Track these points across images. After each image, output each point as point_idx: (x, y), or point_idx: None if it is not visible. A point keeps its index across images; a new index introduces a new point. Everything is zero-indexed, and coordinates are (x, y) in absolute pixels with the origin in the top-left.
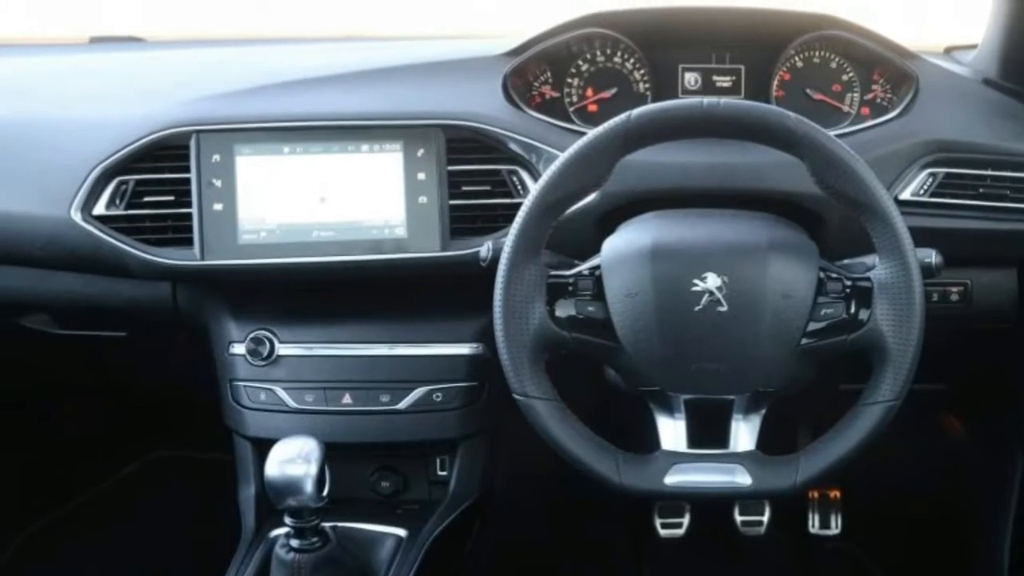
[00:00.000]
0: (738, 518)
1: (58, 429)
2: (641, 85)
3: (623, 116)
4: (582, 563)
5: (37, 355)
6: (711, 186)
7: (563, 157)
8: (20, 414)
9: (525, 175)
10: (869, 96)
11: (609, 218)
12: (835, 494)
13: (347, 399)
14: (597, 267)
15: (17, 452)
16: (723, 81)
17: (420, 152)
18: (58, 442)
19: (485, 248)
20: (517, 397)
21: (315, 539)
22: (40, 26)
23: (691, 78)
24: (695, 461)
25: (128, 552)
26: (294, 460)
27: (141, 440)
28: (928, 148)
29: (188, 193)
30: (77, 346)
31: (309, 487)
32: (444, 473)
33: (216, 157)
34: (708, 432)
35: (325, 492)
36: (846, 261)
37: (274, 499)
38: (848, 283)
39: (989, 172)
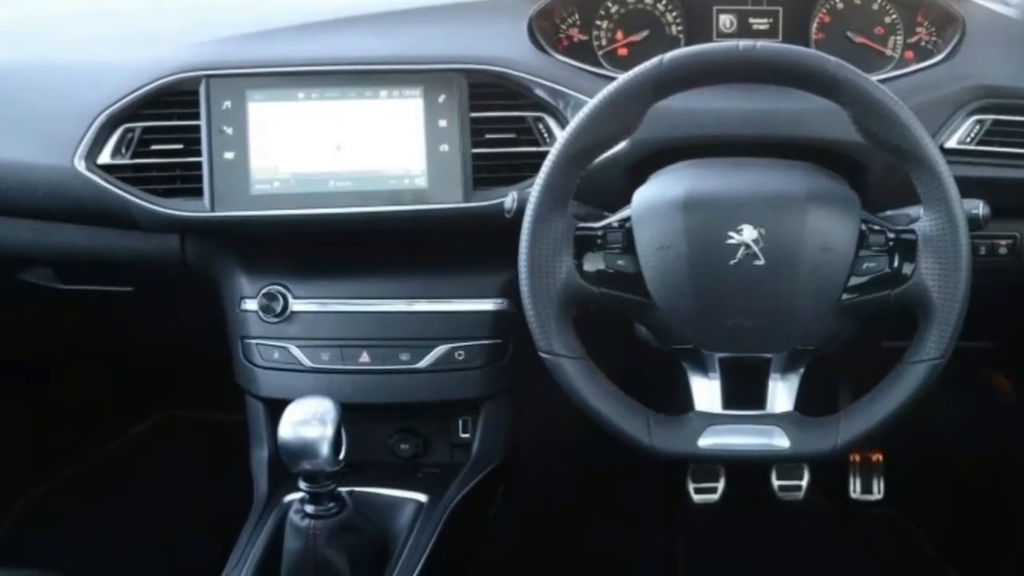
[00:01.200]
0: (775, 483)
1: (62, 390)
2: (674, 28)
3: (655, 60)
4: (611, 529)
5: (39, 312)
6: (747, 134)
7: (591, 103)
8: (22, 375)
9: (552, 122)
10: (913, 39)
11: (640, 167)
12: (878, 457)
13: (364, 357)
14: (627, 219)
15: (20, 414)
16: (760, 23)
17: (441, 98)
18: (62, 403)
19: (510, 199)
20: (543, 355)
21: (331, 505)
22: None
23: (726, 20)
24: (730, 422)
25: (135, 516)
26: (309, 422)
27: (149, 400)
28: (975, 94)
29: (198, 141)
30: (81, 302)
31: (325, 450)
32: (467, 435)
33: (227, 103)
34: (744, 392)
35: (341, 455)
36: (889, 213)
37: (288, 463)
38: (891, 235)
39: None
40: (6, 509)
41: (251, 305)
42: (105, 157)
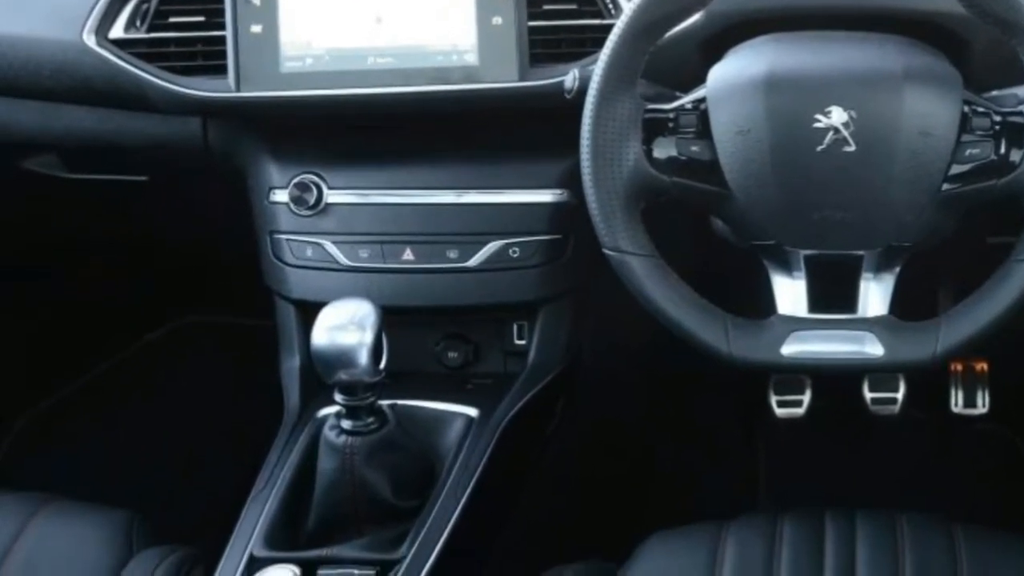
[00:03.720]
0: (868, 395)
1: (68, 293)
2: None
3: None
4: (684, 447)
5: (43, 205)
6: (837, 4)
7: None
8: (24, 277)
9: None
10: None
11: (716, 42)
12: (982, 367)
13: (408, 255)
14: (702, 100)
15: (23, 320)
16: None
17: None
18: (70, 308)
19: (571, 77)
20: (608, 252)
21: (370, 420)
22: None
23: None
24: (817, 328)
25: (150, 434)
26: (346, 327)
27: (166, 304)
28: None
29: (221, 12)
30: (90, 194)
31: (363, 359)
32: (522, 342)
33: None
34: (833, 294)
35: (382, 364)
36: (995, 93)
37: (322, 372)
38: (997, 118)
39: None
40: (6, 426)
41: (281, 196)
42: (118, 31)
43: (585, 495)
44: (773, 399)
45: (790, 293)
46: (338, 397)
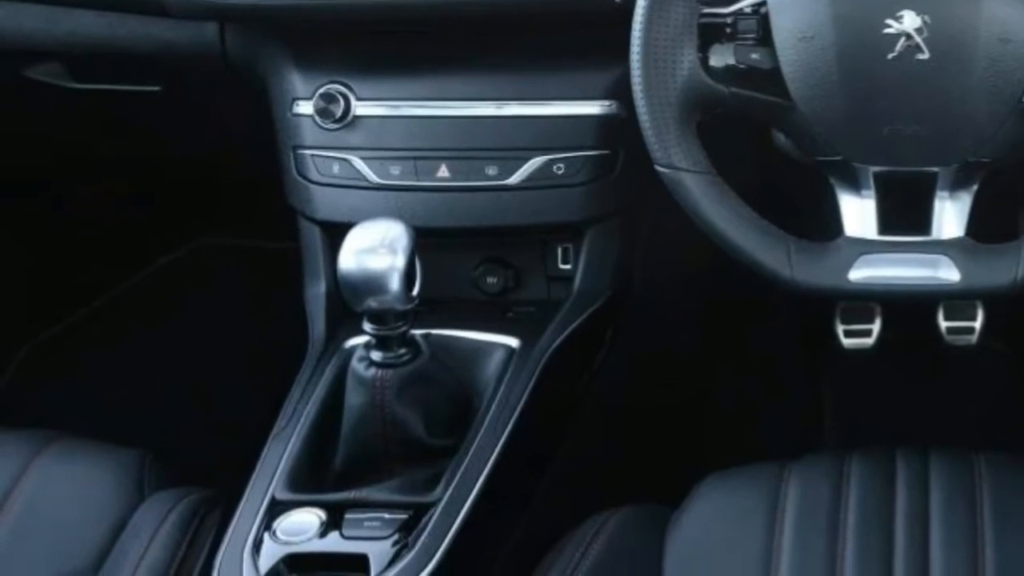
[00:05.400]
0: (943, 324)
1: (76, 213)
2: None
3: None
4: (743, 379)
5: (47, 118)
6: None
7: None
8: (26, 196)
9: None
10: None
11: None
12: None
13: (443, 172)
14: (762, 3)
15: (25, 242)
16: None
17: None
18: (77, 229)
19: None
20: (661, 169)
21: (402, 351)
22: None
23: None
24: (888, 251)
25: (164, 363)
26: (376, 250)
27: (180, 225)
28: None
29: None
30: (98, 105)
31: (395, 284)
32: (567, 266)
33: None
34: (904, 214)
35: (415, 291)
36: None
37: (350, 299)
38: None
39: None
40: (6, 357)
41: (305, 108)
42: None
43: (635, 433)
44: (839, 328)
45: (858, 213)
46: (367, 326)
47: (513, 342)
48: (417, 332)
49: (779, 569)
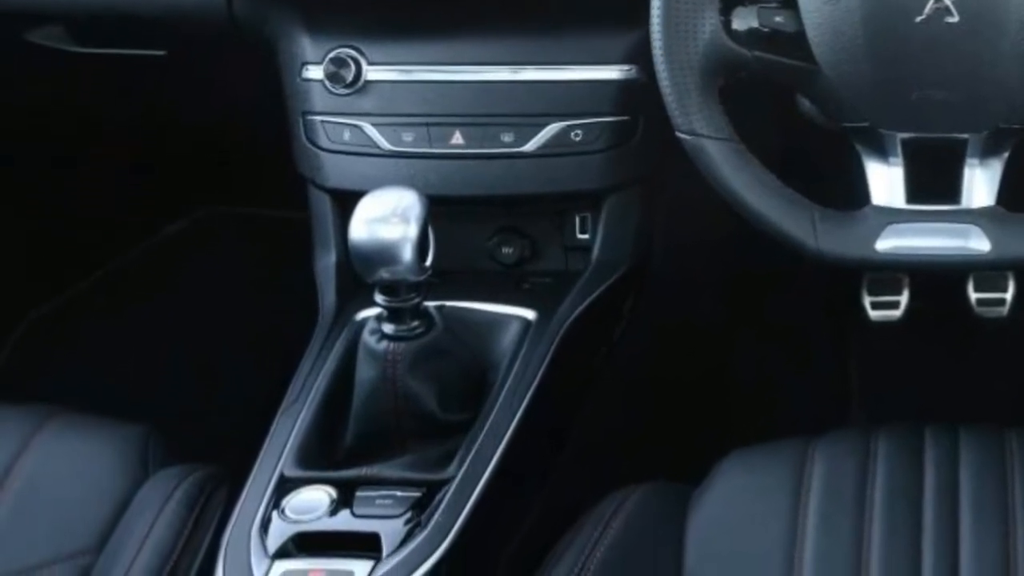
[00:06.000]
0: (973, 295)
1: (78, 182)
2: None
3: None
4: (766, 352)
5: (49, 84)
6: None
7: None
8: (28, 165)
9: None
10: None
11: None
12: None
13: (457, 138)
14: None
15: (25, 212)
16: None
17: None
18: (79, 198)
19: None
20: (682, 135)
21: (415, 323)
22: None
23: None
24: (916, 220)
25: (169, 336)
26: (388, 219)
27: (185, 194)
28: None
29: None
30: (101, 70)
31: (407, 254)
32: (585, 236)
33: None
34: (933, 182)
35: (428, 261)
36: None
37: (361, 270)
38: None
39: None
40: (5, 330)
41: (315, 73)
42: None
43: (655, 408)
44: (866, 300)
45: (885, 181)
46: (379, 298)
47: (529, 314)
48: (430, 304)
49: (804, 549)
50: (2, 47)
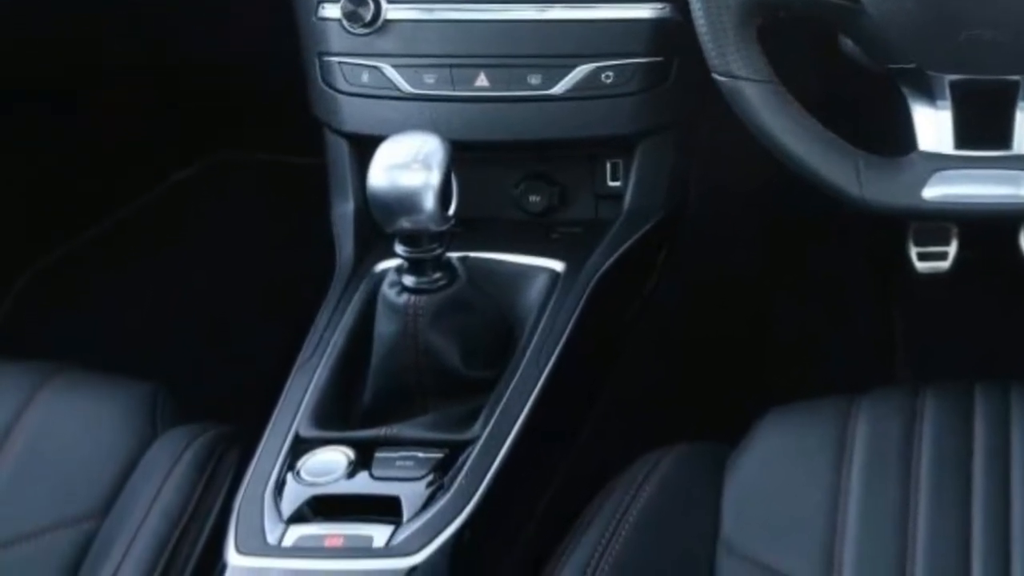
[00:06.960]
0: None
1: (81, 126)
2: None
3: None
4: (806, 306)
5: (50, 22)
6: None
7: None
8: (29, 108)
9: None
10: None
11: None
12: None
13: (481, 80)
14: None
15: (26, 158)
16: None
17: None
18: (83, 144)
19: None
20: (718, 77)
21: (437, 275)
22: None
23: None
24: (965, 166)
25: (178, 289)
26: (409, 165)
27: (195, 138)
28: None
29: None
30: (106, 6)
31: (429, 203)
32: (616, 183)
33: None
34: (983, 126)
35: (451, 210)
36: None
37: (381, 219)
38: None
39: None
40: (5, 283)
41: (332, 11)
42: None
43: (690, 364)
44: (912, 251)
45: (933, 126)
46: (399, 249)
47: (558, 265)
48: (453, 255)
49: (847, 513)
50: None
